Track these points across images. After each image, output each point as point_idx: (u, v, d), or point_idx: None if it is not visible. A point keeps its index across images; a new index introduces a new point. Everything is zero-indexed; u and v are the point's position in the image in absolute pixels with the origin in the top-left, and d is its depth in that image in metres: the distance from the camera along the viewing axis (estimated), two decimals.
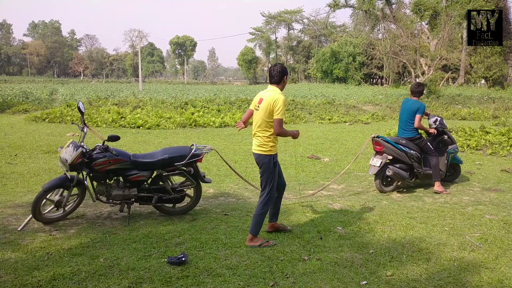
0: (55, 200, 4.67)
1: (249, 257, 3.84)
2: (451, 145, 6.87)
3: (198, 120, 15.06)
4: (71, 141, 4.72)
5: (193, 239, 4.28)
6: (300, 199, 5.91)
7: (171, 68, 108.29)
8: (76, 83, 59.91)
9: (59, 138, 11.17)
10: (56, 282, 3.32)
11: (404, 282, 3.43)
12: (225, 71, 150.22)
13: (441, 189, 6.44)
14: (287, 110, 18.56)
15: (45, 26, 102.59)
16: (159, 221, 4.88)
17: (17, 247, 3.98)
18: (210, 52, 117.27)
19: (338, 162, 8.87)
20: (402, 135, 6.60)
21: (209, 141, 11.43)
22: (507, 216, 5.14)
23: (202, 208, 5.42)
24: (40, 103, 21.62)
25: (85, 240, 4.22)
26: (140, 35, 66.18)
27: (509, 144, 10.21)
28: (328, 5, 41.62)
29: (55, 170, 7.42)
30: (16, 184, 6.52)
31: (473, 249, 4.11)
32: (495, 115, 18.46)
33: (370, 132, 11.18)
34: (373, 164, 6.35)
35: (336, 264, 3.73)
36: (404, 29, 33.43)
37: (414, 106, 6.39)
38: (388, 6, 38.54)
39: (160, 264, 3.66)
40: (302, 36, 78.76)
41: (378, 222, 4.90)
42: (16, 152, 9.04)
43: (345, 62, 51.65)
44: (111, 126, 13.98)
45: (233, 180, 7.01)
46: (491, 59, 39.24)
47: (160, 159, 4.86)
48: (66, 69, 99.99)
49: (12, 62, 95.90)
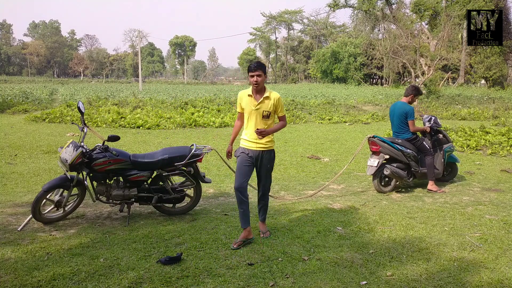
0: (55, 200, 4.67)
1: (249, 257, 3.84)
2: (447, 144, 6.88)
3: (198, 120, 15.06)
4: (71, 141, 4.72)
5: (193, 239, 4.28)
6: (300, 199, 5.91)
7: (171, 68, 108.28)
8: (76, 83, 59.89)
9: (59, 138, 11.17)
10: (56, 282, 3.32)
11: (404, 282, 3.43)
12: (225, 71, 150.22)
13: (435, 188, 6.45)
14: (287, 110, 18.57)
15: (45, 26, 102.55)
16: (159, 221, 4.88)
17: (17, 247, 3.98)
18: (210, 52, 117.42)
19: (338, 162, 8.87)
20: (397, 137, 6.61)
21: (209, 141, 11.43)
22: (507, 216, 5.14)
23: (202, 208, 5.42)
24: (40, 103, 21.62)
25: (85, 240, 4.22)
26: (140, 35, 66.07)
27: (509, 144, 10.21)
28: (328, 5, 41.54)
29: (55, 170, 7.42)
30: (16, 184, 6.51)
31: (473, 249, 4.11)
32: (495, 115, 18.45)
33: (370, 132, 11.18)
34: (371, 164, 6.36)
35: (336, 264, 3.72)
36: (404, 29, 33.42)
37: (402, 110, 6.40)
38: (388, 6, 38.51)
39: (160, 264, 3.66)
40: (302, 36, 78.79)
41: (378, 222, 4.90)
42: (16, 152, 9.04)
43: (345, 62, 51.68)
44: (111, 126, 13.97)
45: (233, 180, 6.99)
46: (491, 59, 39.26)
47: (160, 159, 4.87)
48: (66, 69, 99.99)
49: (12, 62, 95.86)
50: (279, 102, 4.19)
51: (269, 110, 4.14)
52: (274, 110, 4.20)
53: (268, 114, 4.16)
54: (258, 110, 4.13)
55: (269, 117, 4.18)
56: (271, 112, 4.17)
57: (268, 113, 4.16)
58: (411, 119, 6.38)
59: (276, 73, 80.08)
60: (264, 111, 4.14)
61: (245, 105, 4.21)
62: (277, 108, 4.20)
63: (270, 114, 4.17)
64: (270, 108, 4.14)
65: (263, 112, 4.13)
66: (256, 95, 4.17)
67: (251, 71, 4.08)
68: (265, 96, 4.14)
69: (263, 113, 4.14)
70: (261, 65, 4.12)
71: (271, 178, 4.46)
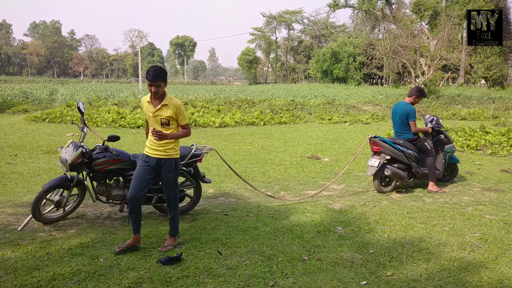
0: (55, 200, 4.67)
1: (249, 257, 3.84)
2: (448, 145, 6.88)
3: (198, 120, 15.06)
4: (71, 141, 4.72)
5: (193, 239, 4.28)
6: (301, 200, 5.91)
7: (171, 68, 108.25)
8: (76, 83, 59.90)
9: (59, 138, 11.17)
10: (56, 282, 3.32)
11: (404, 282, 3.43)
12: (225, 71, 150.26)
13: (435, 188, 6.45)
14: (287, 110, 18.57)
15: (45, 26, 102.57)
16: (159, 221, 4.88)
17: (17, 247, 3.98)
18: (210, 52, 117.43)
19: (338, 162, 8.87)
20: (399, 137, 6.61)
21: (209, 141, 11.43)
22: (507, 216, 5.14)
23: (202, 208, 5.41)
24: (40, 103, 21.62)
25: (85, 240, 4.22)
26: (140, 35, 66.11)
27: (509, 144, 10.21)
28: (328, 5, 41.63)
29: (55, 170, 7.42)
30: (16, 184, 6.51)
31: (473, 249, 4.11)
32: (495, 115, 18.45)
33: (370, 132, 11.18)
34: (371, 165, 6.35)
35: (336, 264, 3.72)
36: (404, 29, 33.40)
37: (404, 110, 6.40)
38: (388, 6, 38.54)
39: (160, 264, 3.66)
40: (302, 36, 78.81)
41: (378, 222, 4.90)
42: (16, 152, 9.04)
43: (345, 62, 51.66)
44: (111, 126, 13.98)
45: (233, 180, 7.01)
46: (491, 59, 39.25)
47: None
48: (66, 69, 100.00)
49: (12, 62, 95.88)
50: (180, 110, 3.94)
51: (167, 117, 3.89)
52: (175, 118, 3.95)
53: (167, 122, 3.91)
54: (156, 117, 3.91)
55: (169, 124, 3.93)
56: (170, 119, 3.92)
57: (167, 121, 3.90)
58: (412, 120, 6.37)
59: (276, 73, 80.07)
60: (162, 118, 3.89)
61: (145, 111, 4.01)
62: (177, 116, 3.94)
63: (170, 121, 3.92)
64: (168, 116, 3.89)
65: (161, 119, 3.89)
66: (154, 101, 3.93)
67: (149, 81, 3.80)
68: (163, 104, 3.89)
69: (161, 120, 3.90)
70: (160, 75, 3.81)
71: (176, 191, 4.12)
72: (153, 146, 3.97)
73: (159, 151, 3.96)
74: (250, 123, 15.65)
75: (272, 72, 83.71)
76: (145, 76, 3.88)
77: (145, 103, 4.01)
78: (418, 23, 38.41)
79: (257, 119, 16.06)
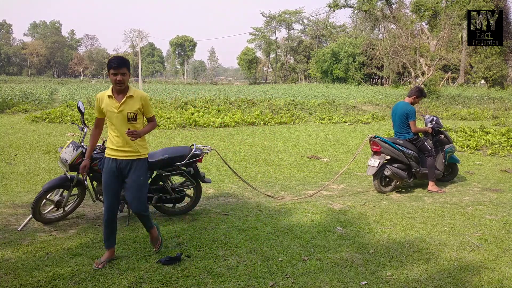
0: (55, 200, 4.67)
1: (249, 257, 3.84)
2: (448, 145, 6.88)
3: (198, 120, 15.07)
4: (71, 141, 4.72)
5: (193, 239, 4.28)
6: (300, 199, 5.91)
7: (171, 68, 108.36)
8: (76, 83, 59.88)
9: (59, 138, 11.17)
10: (56, 282, 3.32)
11: (404, 282, 3.43)
12: (225, 71, 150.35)
13: (435, 188, 6.45)
14: (287, 110, 18.58)
15: (45, 26, 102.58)
16: (159, 221, 4.88)
17: (17, 247, 3.98)
18: (210, 52, 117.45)
19: (338, 162, 8.87)
20: (399, 137, 6.61)
21: (209, 141, 11.43)
22: (507, 216, 5.14)
23: (202, 208, 5.42)
24: (40, 103, 21.62)
25: (85, 240, 4.22)
26: (140, 35, 66.19)
27: (509, 144, 10.21)
28: (328, 5, 41.66)
29: (55, 170, 7.42)
30: (16, 184, 6.52)
31: (473, 249, 4.11)
32: (495, 115, 18.46)
33: (370, 132, 11.19)
34: (371, 165, 6.35)
35: (336, 264, 3.72)
36: (404, 29, 33.42)
37: (403, 110, 6.40)
38: (388, 6, 38.54)
39: (160, 264, 3.66)
40: (302, 36, 78.80)
41: (378, 222, 4.90)
42: (16, 152, 9.04)
43: (345, 62, 51.66)
44: None
45: (233, 180, 7.01)
46: (491, 59, 39.24)
47: (160, 159, 4.86)
48: (66, 69, 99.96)
49: (12, 62, 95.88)
50: (146, 102, 3.63)
51: (134, 111, 3.55)
52: (141, 112, 3.64)
53: (134, 116, 3.56)
54: (122, 113, 3.52)
55: (136, 119, 3.58)
56: (137, 113, 3.59)
57: (134, 115, 3.56)
58: (412, 120, 6.38)
59: (276, 73, 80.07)
60: (129, 113, 3.53)
61: (106, 108, 3.56)
62: (144, 108, 3.63)
63: (137, 116, 3.58)
64: (135, 109, 3.56)
65: (127, 114, 3.53)
66: (117, 95, 3.55)
67: (114, 68, 3.44)
68: (128, 96, 3.53)
69: (128, 115, 3.53)
70: (125, 62, 3.50)
71: (145, 196, 3.76)
72: (120, 148, 3.59)
73: (129, 152, 3.61)
74: (250, 123, 15.65)
75: (272, 72, 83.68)
76: (107, 67, 3.56)
77: (105, 99, 3.58)
78: (418, 23, 38.41)
79: (257, 119, 16.06)
